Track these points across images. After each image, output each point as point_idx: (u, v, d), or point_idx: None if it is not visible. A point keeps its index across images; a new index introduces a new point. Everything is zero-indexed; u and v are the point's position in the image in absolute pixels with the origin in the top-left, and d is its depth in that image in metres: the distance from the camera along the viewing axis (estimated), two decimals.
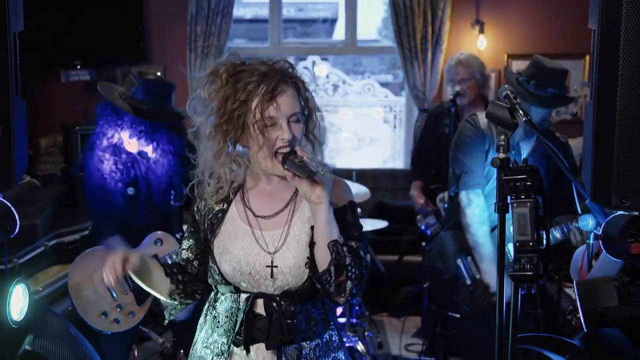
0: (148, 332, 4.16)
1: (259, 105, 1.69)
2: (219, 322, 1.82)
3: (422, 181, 4.42)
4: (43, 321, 2.12)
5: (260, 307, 1.76)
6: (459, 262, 2.99)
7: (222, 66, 1.73)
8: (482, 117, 3.11)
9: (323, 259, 1.69)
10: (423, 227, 4.24)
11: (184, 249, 1.92)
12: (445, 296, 3.05)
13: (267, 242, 1.76)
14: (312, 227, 1.74)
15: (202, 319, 1.90)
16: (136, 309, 2.87)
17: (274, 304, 1.75)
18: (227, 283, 1.79)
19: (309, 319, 1.79)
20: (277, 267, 1.74)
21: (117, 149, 3.00)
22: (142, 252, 1.95)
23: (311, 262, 1.73)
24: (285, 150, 1.70)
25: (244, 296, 1.78)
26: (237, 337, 1.77)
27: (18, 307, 1.89)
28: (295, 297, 1.76)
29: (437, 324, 3.67)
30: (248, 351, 1.76)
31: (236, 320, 1.77)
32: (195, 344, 1.90)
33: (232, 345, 1.78)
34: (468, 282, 2.96)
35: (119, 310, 2.85)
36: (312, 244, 1.73)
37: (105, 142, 3.00)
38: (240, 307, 1.77)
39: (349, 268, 1.69)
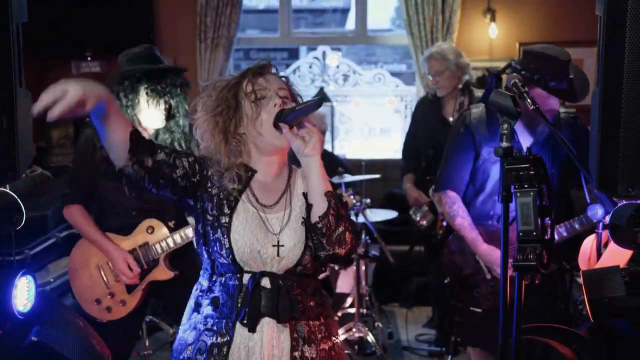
0: (159, 322, 4.20)
1: (250, 81, 1.86)
2: (220, 303, 1.84)
3: (414, 174, 4.41)
4: (50, 312, 2.13)
5: (265, 284, 1.81)
6: (479, 257, 2.96)
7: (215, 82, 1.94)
8: (475, 111, 2.97)
9: (317, 213, 1.79)
10: (418, 219, 4.22)
11: (183, 158, 1.87)
12: (466, 291, 3.02)
13: (273, 224, 1.86)
14: (304, 194, 1.85)
15: (192, 306, 1.92)
16: (127, 297, 2.91)
17: (280, 281, 1.81)
18: (233, 261, 1.82)
19: (312, 299, 1.87)
20: (282, 246, 1.82)
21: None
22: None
23: (307, 220, 1.82)
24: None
25: (247, 275, 1.82)
26: (243, 316, 1.79)
27: (23, 298, 1.91)
28: (297, 277, 1.84)
29: (455, 315, 3.67)
30: (253, 329, 1.79)
31: (239, 298, 1.80)
32: (184, 332, 1.90)
33: (235, 326, 1.81)
34: (488, 276, 2.94)
35: (110, 297, 2.89)
36: (308, 207, 1.82)
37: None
38: (244, 284, 1.81)
39: (346, 219, 1.80)
